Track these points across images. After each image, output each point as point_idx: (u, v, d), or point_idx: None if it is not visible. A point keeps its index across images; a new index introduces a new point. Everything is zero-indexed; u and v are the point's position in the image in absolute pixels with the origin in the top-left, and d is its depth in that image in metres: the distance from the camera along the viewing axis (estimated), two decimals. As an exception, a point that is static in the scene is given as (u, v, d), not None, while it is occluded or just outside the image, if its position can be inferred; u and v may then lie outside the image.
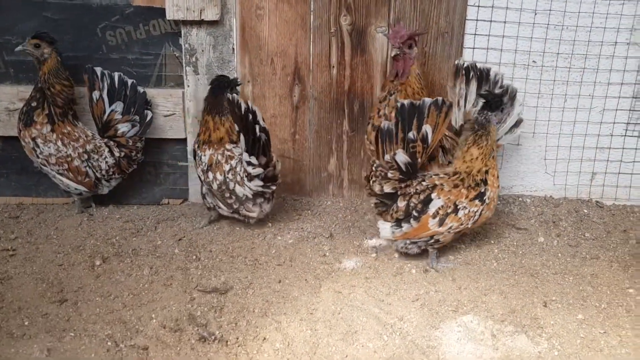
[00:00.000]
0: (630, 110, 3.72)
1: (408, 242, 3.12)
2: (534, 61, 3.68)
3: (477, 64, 3.40)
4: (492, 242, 3.40)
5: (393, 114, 3.07)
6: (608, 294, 2.91)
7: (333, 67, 3.71)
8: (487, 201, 3.04)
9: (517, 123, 3.47)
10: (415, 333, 2.62)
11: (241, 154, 3.23)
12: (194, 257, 3.15)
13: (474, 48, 3.64)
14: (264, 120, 3.20)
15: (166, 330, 2.54)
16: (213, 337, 2.50)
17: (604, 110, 3.73)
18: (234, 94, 3.28)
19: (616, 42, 3.63)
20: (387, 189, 3.03)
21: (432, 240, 3.10)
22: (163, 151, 3.85)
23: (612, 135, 3.76)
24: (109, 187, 3.66)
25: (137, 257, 3.14)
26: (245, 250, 3.24)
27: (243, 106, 3.14)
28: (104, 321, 2.61)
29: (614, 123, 3.76)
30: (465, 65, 3.39)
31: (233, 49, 3.66)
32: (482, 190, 3.02)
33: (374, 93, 3.76)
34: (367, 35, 3.65)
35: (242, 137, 3.17)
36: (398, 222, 3.06)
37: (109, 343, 2.45)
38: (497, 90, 3.32)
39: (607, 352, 2.50)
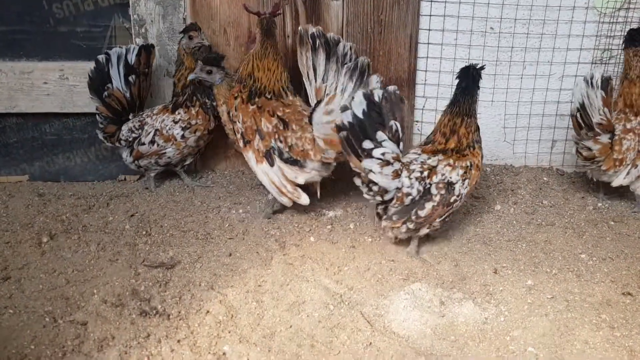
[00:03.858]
0: (589, 76, 3.68)
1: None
2: (491, 28, 3.62)
3: (325, 33, 3.16)
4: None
5: None
6: (560, 260, 2.90)
7: (288, 36, 3.63)
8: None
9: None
10: (363, 302, 2.60)
11: None
12: (144, 232, 3.10)
13: (430, 15, 3.58)
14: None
15: (107, 306, 2.49)
16: (155, 312, 2.46)
17: (563, 76, 3.69)
18: None
19: (574, 7, 3.57)
20: None
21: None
22: (117, 126, 3.77)
23: (571, 102, 3.71)
24: None
25: (85, 233, 3.08)
26: (197, 224, 3.19)
27: None
28: (46, 298, 2.56)
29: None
30: (311, 32, 3.15)
31: (184, 19, 3.56)
32: None
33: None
34: (321, 4, 3.56)
35: None
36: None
37: (47, 319, 2.40)
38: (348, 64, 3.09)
39: (553, 317, 2.49)
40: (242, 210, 3.34)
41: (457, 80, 2.89)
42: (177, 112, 3.49)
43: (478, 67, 2.85)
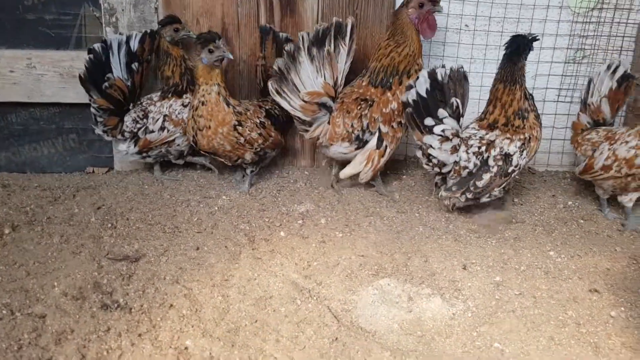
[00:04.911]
0: (562, 75, 3.71)
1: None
2: (466, 25, 3.62)
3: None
4: (420, 206, 3.37)
5: None
6: (529, 257, 2.90)
7: (260, 23, 3.57)
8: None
9: None
10: (331, 297, 2.57)
11: None
12: (110, 225, 3.03)
13: (405, 10, 3.55)
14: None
15: (67, 299, 2.42)
16: (116, 305, 2.40)
17: (536, 75, 3.71)
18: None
19: (549, 6, 3.59)
20: None
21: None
22: (86, 117, 3.68)
23: (544, 101, 3.75)
24: None
25: (49, 225, 3.00)
26: (165, 217, 3.13)
27: None
28: (4, 290, 2.48)
29: (547, 88, 3.74)
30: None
31: (155, 8, 3.49)
32: None
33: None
34: (296, -4, 3.53)
35: None
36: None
37: (4, 311, 2.32)
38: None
39: (520, 312, 2.49)
40: (214, 204, 3.28)
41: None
42: (184, 97, 3.45)
43: (529, 37, 3.00)
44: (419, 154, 3.16)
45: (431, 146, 3.07)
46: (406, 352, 2.26)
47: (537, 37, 3.03)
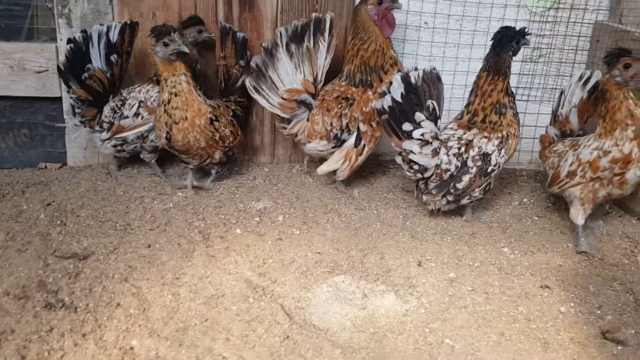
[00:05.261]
0: (519, 74, 3.74)
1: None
2: (425, 22, 3.63)
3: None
4: (379, 204, 3.37)
5: None
6: (483, 253, 2.92)
7: (220, 22, 3.52)
8: None
9: None
10: (285, 295, 2.54)
11: None
12: (59, 222, 2.94)
13: (365, 7, 3.54)
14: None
15: (9, 298, 2.34)
16: (61, 304, 2.32)
17: (494, 73, 3.72)
18: None
19: (506, 5, 3.63)
20: None
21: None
22: (38, 111, 3.58)
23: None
24: None
25: (-5, 222, 2.90)
26: (117, 215, 3.05)
27: None
28: (-57, 290, 2.38)
29: (504, 87, 3.76)
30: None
31: (110, 0, 3.40)
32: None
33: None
34: (256, -10, 3.48)
35: None
36: None
37: (-59, 312, 2.23)
38: None
39: (472, 309, 2.50)
40: (169, 201, 3.22)
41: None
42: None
43: (518, 30, 2.98)
44: (399, 160, 3.08)
45: (412, 151, 2.98)
46: (357, 350, 2.24)
47: (529, 32, 3.01)
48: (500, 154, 3.05)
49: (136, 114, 3.32)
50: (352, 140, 3.31)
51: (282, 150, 3.80)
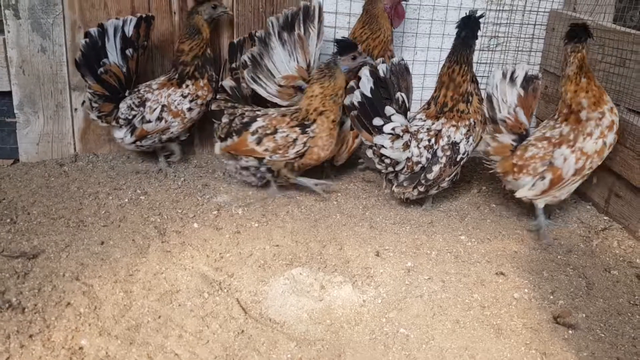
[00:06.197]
0: (477, 62, 3.76)
1: (239, 166, 3.18)
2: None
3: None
4: (339, 195, 3.36)
5: None
6: (440, 242, 2.94)
7: (174, 13, 3.46)
8: (310, 133, 3.06)
9: None
10: (242, 289, 2.51)
11: None
12: (9, 220, 2.85)
13: (323, -4, 3.52)
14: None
15: (-47, 300, 2.26)
16: (8, 305, 2.25)
17: (452, 62, 3.73)
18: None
19: (463, -7, 3.63)
20: (214, 106, 3.24)
21: (264, 169, 3.15)
22: (-13, 106, 3.46)
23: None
24: None
25: (-60, 222, 2.80)
26: (70, 211, 2.97)
27: None
28: None
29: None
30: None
31: (59, -10, 3.30)
32: (306, 122, 3.08)
33: (221, 43, 3.56)
34: (210, -21, 3.41)
35: None
36: (222, 139, 3.19)
37: None
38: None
39: (428, 297, 2.52)
40: (124, 196, 3.15)
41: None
42: (184, 85, 3.31)
43: (476, 15, 3.01)
44: (369, 153, 3.06)
45: (383, 146, 2.96)
46: (313, 342, 2.24)
47: (483, 14, 3.02)
48: (468, 142, 3.06)
49: (159, 118, 3.30)
50: (348, 122, 3.28)
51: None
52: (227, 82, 3.25)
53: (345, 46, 3.04)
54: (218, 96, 3.28)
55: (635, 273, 2.76)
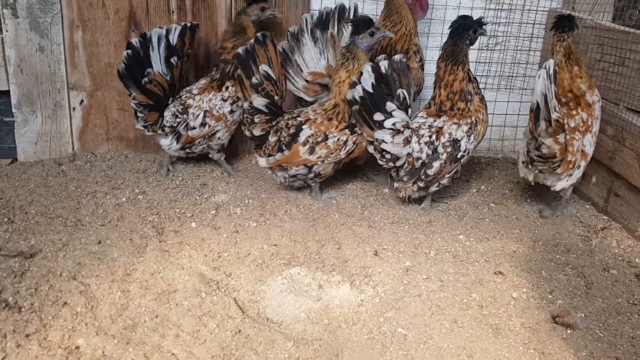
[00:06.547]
0: (476, 62, 3.76)
1: (287, 175, 3.17)
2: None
3: None
4: (337, 193, 3.35)
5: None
6: (439, 241, 2.93)
7: (173, 12, 3.45)
8: (358, 131, 3.09)
9: None
10: (240, 289, 2.51)
11: None
12: (7, 219, 2.85)
13: (321, -4, 3.52)
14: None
15: (-51, 300, 2.25)
16: (4, 304, 2.25)
17: (451, 61, 3.73)
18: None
19: (462, -8, 3.62)
20: (257, 132, 3.11)
21: (312, 174, 3.14)
22: (-15, 106, 3.46)
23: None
24: None
25: (-63, 222, 2.79)
26: (68, 210, 2.97)
27: None
28: None
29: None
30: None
31: (56, -11, 3.29)
32: (354, 122, 3.08)
33: (219, 41, 3.55)
34: (209, -22, 3.41)
35: None
36: (271, 155, 3.15)
37: None
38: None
39: (426, 297, 2.51)
40: (122, 196, 3.14)
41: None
42: (224, 88, 3.30)
43: (476, 19, 2.99)
44: (371, 149, 3.08)
45: (383, 141, 2.98)
46: (310, 342, 2.23)
47: (485, 22, 3.01)
48: (469, 140, 3.07)
49: (203, 124, 3.30)
50: None
51: (240, 144, 3.76)
52: (260, 101, 3.05)
53: (360, 24, 3.01)
54: (256, 119, 3.09)
55: (634, 273, 2.76)
